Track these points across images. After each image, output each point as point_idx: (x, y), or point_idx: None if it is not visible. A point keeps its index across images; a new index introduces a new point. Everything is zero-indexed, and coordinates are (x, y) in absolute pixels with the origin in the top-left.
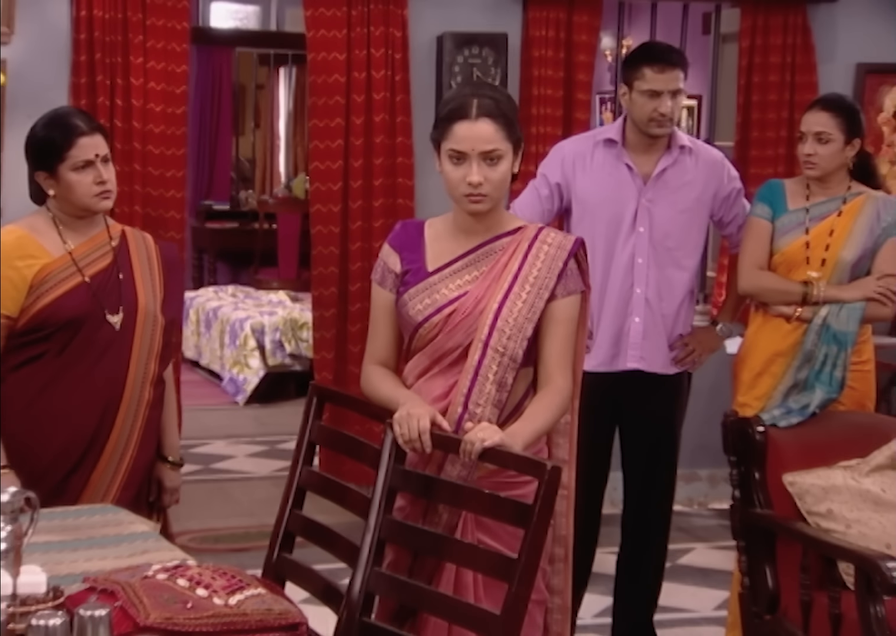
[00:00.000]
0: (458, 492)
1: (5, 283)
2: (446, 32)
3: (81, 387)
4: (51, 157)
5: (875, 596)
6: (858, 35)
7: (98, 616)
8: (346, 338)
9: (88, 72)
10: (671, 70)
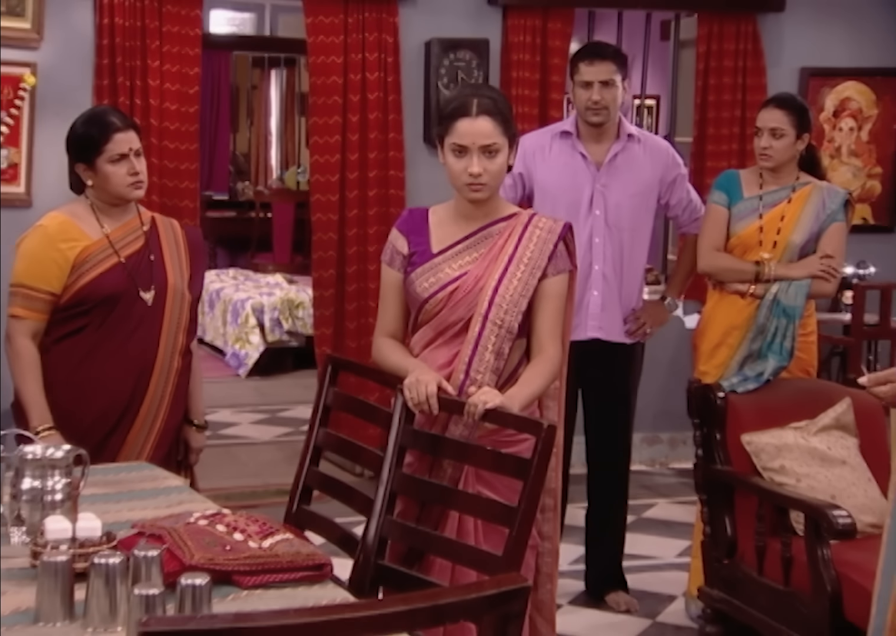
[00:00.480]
0: (464, 449)
1: (50, 264)
2: (433, 38)
3: (118, 357)
4: (89, 151)
5: (822, 540)
6: (803, 42)
7: (151, 556)
8: (343, 315)
9: (110, 74)
10: (600, 62)
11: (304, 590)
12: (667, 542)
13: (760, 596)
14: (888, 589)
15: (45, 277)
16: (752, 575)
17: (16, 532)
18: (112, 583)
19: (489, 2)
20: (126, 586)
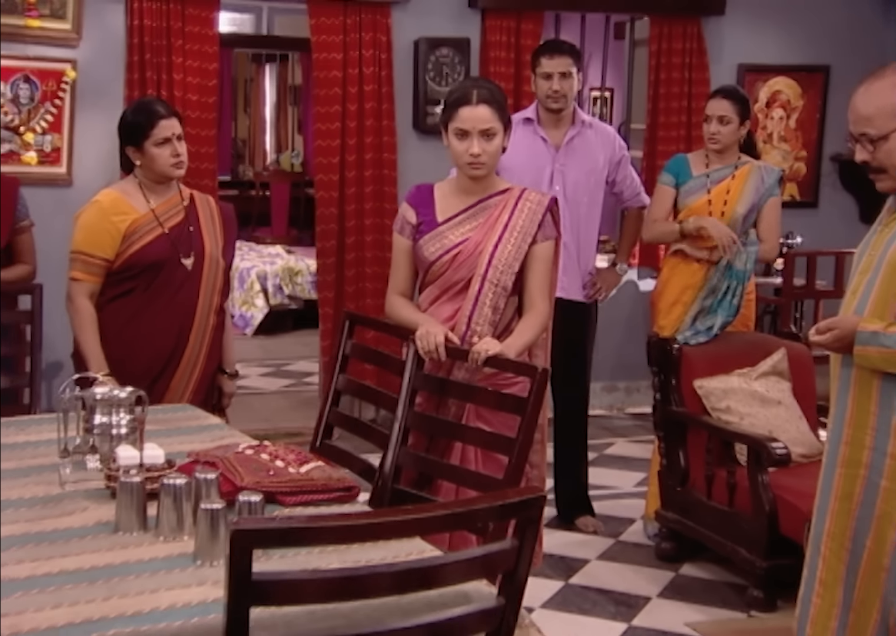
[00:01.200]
0: (467, 390)
1: (104, 234)
2: (421, 37)
3: (162, 314)
4: (138, 136)
5: (762, 468)
6: (740, 42)
7: (210, 479)
8: (343, 281)
9: (140, 69)
10: (560, 56)
11: (336, 509)
12: (625, 475)
13: (709, 516)
14: (826, 502)
15: (100, 246)
16: (702, 499)
17: (91, 459)
18: (179, 500)
19: (470, 5)
20: (190, 503)
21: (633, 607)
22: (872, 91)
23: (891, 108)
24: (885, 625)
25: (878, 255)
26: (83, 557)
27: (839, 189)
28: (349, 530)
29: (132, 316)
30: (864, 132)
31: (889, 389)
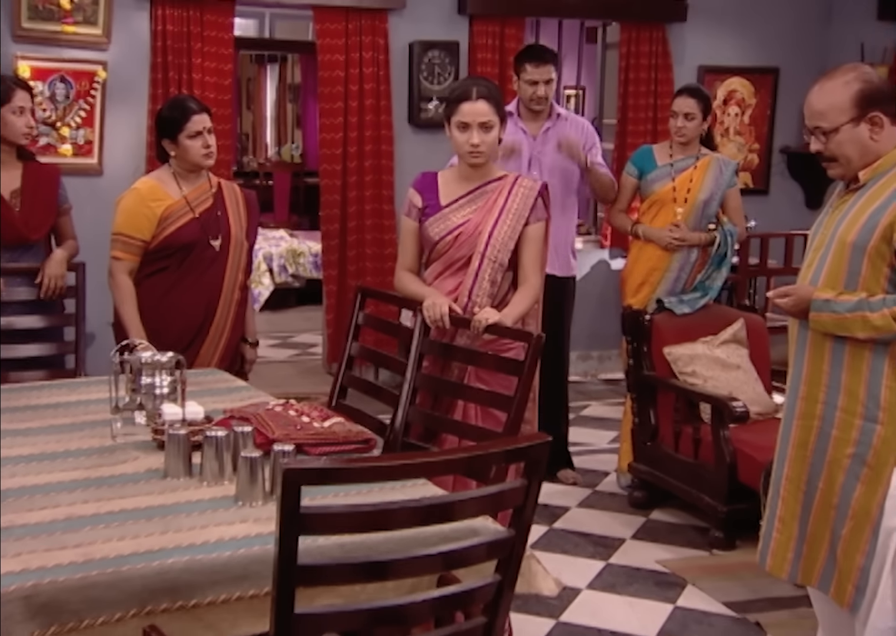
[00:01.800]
0: (470, 355)
1: (142, 218)
2: (415, 40)
3: (192, 290)
4: (173, 129)
5: (723, 424)
6: (700, 46)
7: (246, 431)
8: (345, 260)
9: (163, 69)
10: (544, 66)
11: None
12: (600, 433)
13: (676, 468)
14: (785, 450)
15: (138, 228)
16: (670, 453)
17: (138, 415)
18: (220, 450)
19: (459, 12)
20: (230, 452)
21: (609, 548)
22: (825, 89)
23: (840, 104)
24: (833, 554)
25: (829, 233)
26: (139, 499)
27: (787, 178)
28: (382, 470)
29: (166, 291)
30: (818, 126)
31: (839, 350)
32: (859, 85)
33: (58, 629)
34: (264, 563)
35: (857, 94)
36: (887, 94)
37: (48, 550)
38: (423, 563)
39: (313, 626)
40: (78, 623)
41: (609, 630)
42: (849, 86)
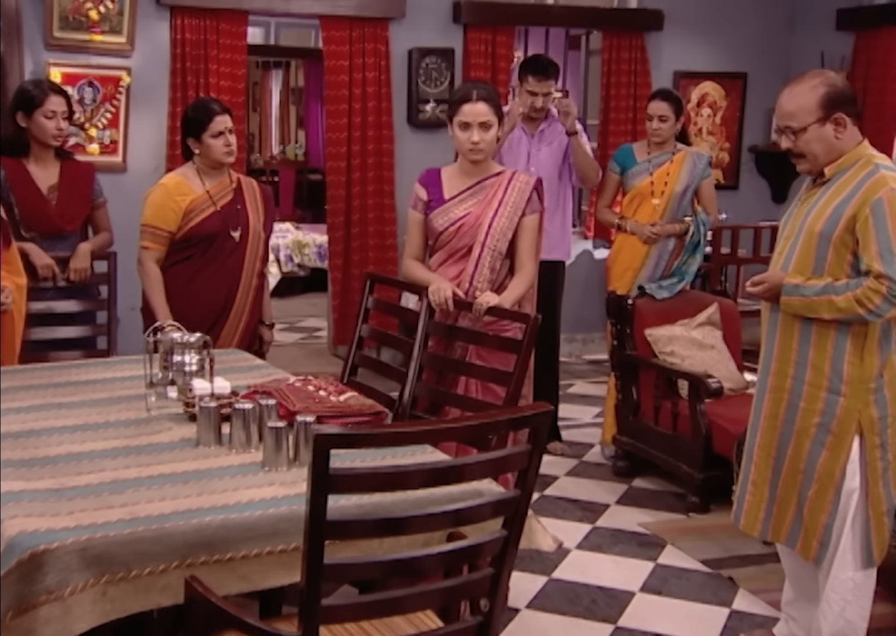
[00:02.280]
0: (472, 335)
1: (168, 211)
2: (414, 47)
3: (214, 277)
4: (197, 128)
5: (700, 399)
6: (675, 53)
7: (270, 404)
8: (350, 250)
9: (182, 74)
10: (546, 80)
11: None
12: (585, 409)
13: (656, 439)
14: (757, 421)
15: (165, 220)
16: (651, 425)
17: (171, 390)
18: (247, 421)
19: (454, 21)
20: (256, 423)
21: (595, 512)
22: (794, 92)
23: (808, 106)
24: (800, 513)
25: (798, 224)
26: (175, 464)
27: (755, 175)
28: (403, 435)
29: (190, 278)
30: (788, 125)
31: (807, 330)
32: (825, 89)
33: (109, 578)
34: (291, 522)
35: (823, 97)
36: (850, 97)
37: (97, 509)
38: (437, 520)
39: (339, 575)
40: (127, 573)
41: (596, 585)
42: (815, 89)
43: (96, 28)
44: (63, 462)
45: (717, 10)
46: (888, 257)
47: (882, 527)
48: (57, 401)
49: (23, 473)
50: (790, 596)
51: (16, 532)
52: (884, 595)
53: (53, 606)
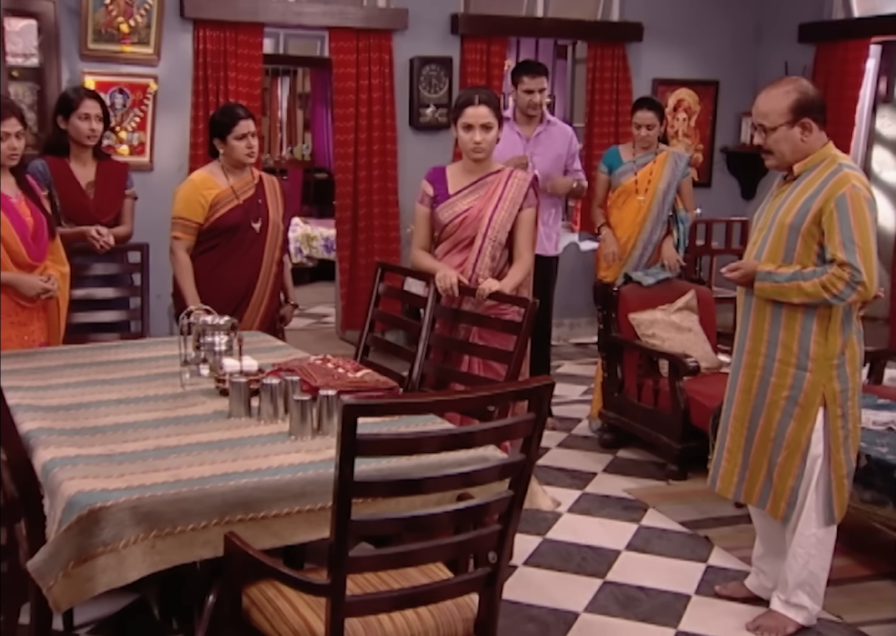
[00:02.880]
0: (475, 317)
1: (196, 204)
2: (415, 56)
3: (237, 265)
4: (223, 130)
5: (679, 377)
6: (654, 62)
7: (294, 380)
8: (356, 242)
9: (203, 81)
10: (539, 77)
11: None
12: (573, 387)
13: (638, 414)
14: (733, 394)
15: (193, 212)
16: (634, 401)
17: (203, 368)
18: (274, 395)
19: (452, 32)
20: (282, 397)
21: (584, 480)
22: (770, 95)
23: (780, 109)
24: (770, 478)
25: (770, 217)
26: (210, 433)
27: (726, 173)
28: (421, 405)
29: (215, 265)
30: (761, 123)
31: (778, 313)
32: (797, 95)
33: (157, 533)
34: (317, 484)
35: (793, 102)
36: (818, 105)
37: (145, 472)
38: (451, 481)
39: (363, 530)
40: (172, 529)
41: (586, 545)
42: (788, 95)
43: (126, 40)
44: (111, 431)
45: (692, 23)
46: (850, 247)
47: (842, 489)
48: (100, 377)
49: (76, 441)
50: (760, 551)
51: (74, 491)
52: (842, 549)
53: (109, 557)
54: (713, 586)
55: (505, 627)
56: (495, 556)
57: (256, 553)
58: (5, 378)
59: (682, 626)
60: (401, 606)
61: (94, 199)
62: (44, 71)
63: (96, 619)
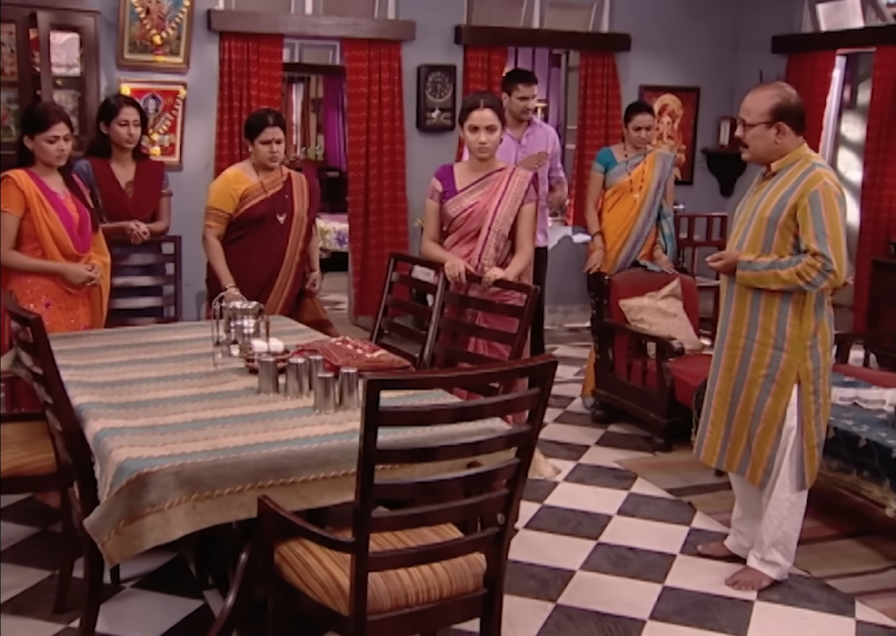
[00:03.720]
0: (481, 303)
1: (227, 197)
2: (422, 64)
3: (262, 253)
4: (252, 133)
5: (665, 357)
6: (641, 70)
7: (317, 360)
8: (368, 235)
9: (228, 88)
10: (532, 85)
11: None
12: (567, 368)
13: (628, 392)
14: (716, 372)
15: (225, 203)
16: (624, 380)
17: (233, 348)
18: (300, 373)
19: (455, 42)
20: (306, 375)
21: (578, 452)
22: (757, 95)
23: (761, 109)
24: (749, 448)
25: (751, 211)
26: (242, 407)
27: (707, 172)
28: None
29: (243, 253)
30: (743, 119)
31: (757, 298)
32: (778, 100)
33: (198, 496)
34: (341, 453)
35: (774, 106)
36: (796, 113)
37: (185, 442)
38: (463, 449)
39: (384, 493)
40: (211, 492)
41: (581, 510)
42: (771, 99)
43: (159, 50)
44: (152, 405)
45: (676, 34)
46: (822, 239)
47: (813, 458)
48: (140, 357)
49: (122, 413)
50: (738, 514)
51: (124, 458)
52: (812, 512)
53: (156, 517)
54: (696, 546)
55: (509, 583)
56: (503, 518)
57: (287, 514)
58: (56, 358)
59: (667, 582)
60: (417, 562)
61: (132, 197)
62: (84, 79)
63: (139, 575)
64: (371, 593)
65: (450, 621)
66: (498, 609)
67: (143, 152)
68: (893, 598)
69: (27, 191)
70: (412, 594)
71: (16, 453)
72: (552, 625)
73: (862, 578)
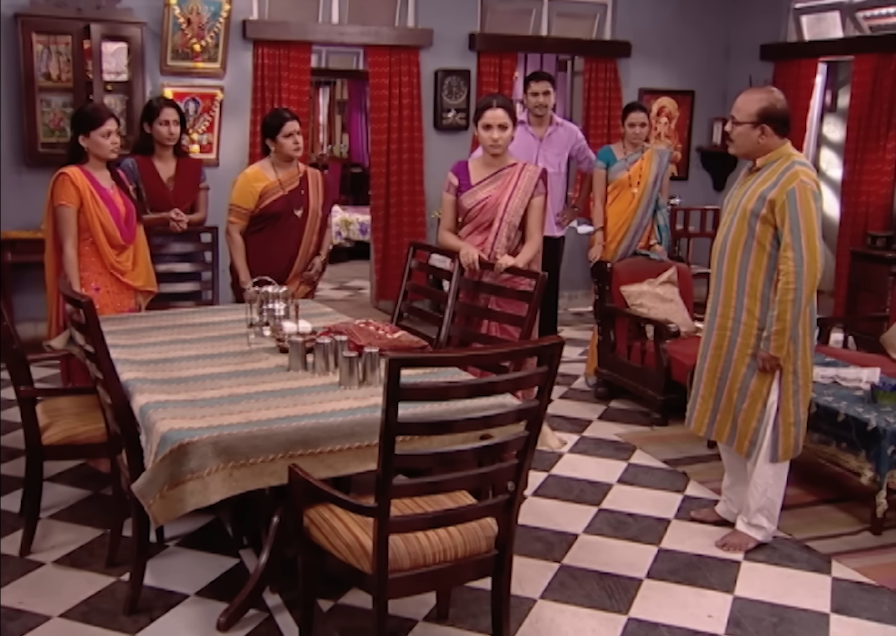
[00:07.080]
0: (494, 288)
1: (248, 194)
2: (439, 69)
3: (280, 246)
4: (273, 131)
5: (662, 339)
6: (640, 74)
7: (342, 340)
8: (388, 226)
9: (261, 91)
10: (542, 81)
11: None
12: (571, 349)
13: (628, 371)
14: (706, 351)
15: (246, 200)
16: (624, 360)
17: (265, 330)
18: (326, 352)
19: (470, 48)
20: (333, 354)
21: (582, 426)
22: (748, 96)
23: (749, 109)
24: (735, 421)
25: (737, 203)
26: (274, 384)
27: (701, 169)
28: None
29: (263, 244)
30: (733, 115)
31: (743, 284)
32: (766, 104)
33: (234, 464)
34: (364, 426)
35: (761, 109)
36: (781, 118)
37: (222, 415)
38: (477, 422)
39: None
40: (246, 461)
41: (584, 479)
42: (760, 102)
43: (198, 57)
44: (192, 381)
45: (673, 42)
46: (796, 231)
47: (788, 434)
48: (181, 337)
49: (164, 388)
50: (727, 482)
51: (166, 429)
52: (794, 480)
53: (196, 483)
54: (689, 512)
55: (517, 546)
56: (513, 486)
57: (315, 481)
58: (105, 337)
59: (663, 545)
60: (434, 526)
61: (173, 190)
62: (131, 84)
63: (181, 535)
64: (392, 554)
65: (464, 579)
66: (508, 568)
67: (183, 150)
68: (866, 558)
69: (81, 186)
70: (429, 555)
71: (70, 424)
72: (557, 584)
73: (838, 540)
